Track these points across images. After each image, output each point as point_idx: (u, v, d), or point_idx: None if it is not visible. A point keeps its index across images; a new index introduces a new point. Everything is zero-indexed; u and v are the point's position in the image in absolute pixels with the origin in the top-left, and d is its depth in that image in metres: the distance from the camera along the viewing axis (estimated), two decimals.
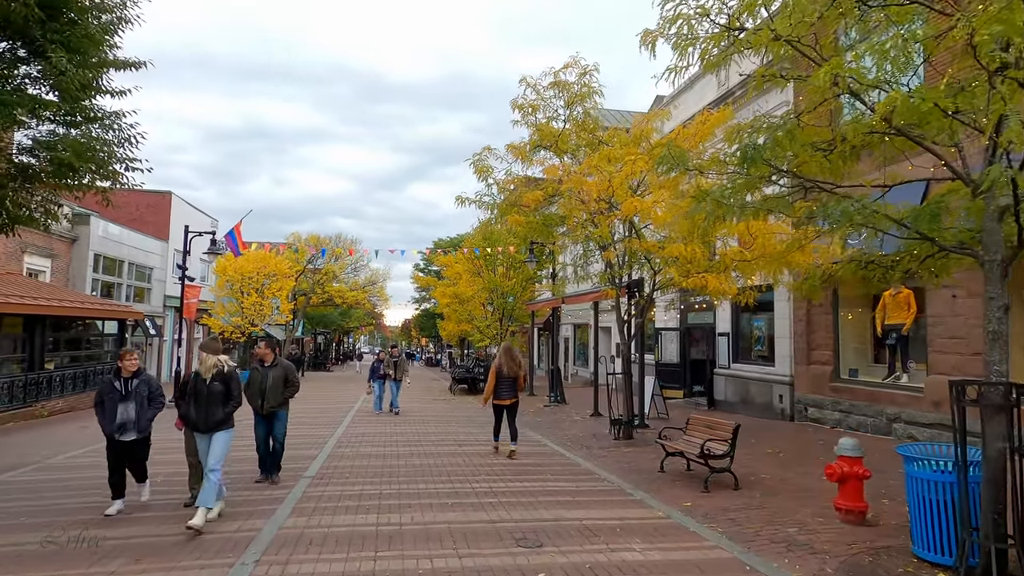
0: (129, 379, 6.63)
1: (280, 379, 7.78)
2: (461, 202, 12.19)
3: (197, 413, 6.25)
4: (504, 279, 24.81)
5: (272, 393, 7.72)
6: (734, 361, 15.83)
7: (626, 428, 11.49)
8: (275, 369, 7.81)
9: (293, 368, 8.04)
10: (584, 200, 9.41)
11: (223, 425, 6.29)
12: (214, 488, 6.02)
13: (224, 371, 6.36)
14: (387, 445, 10.87)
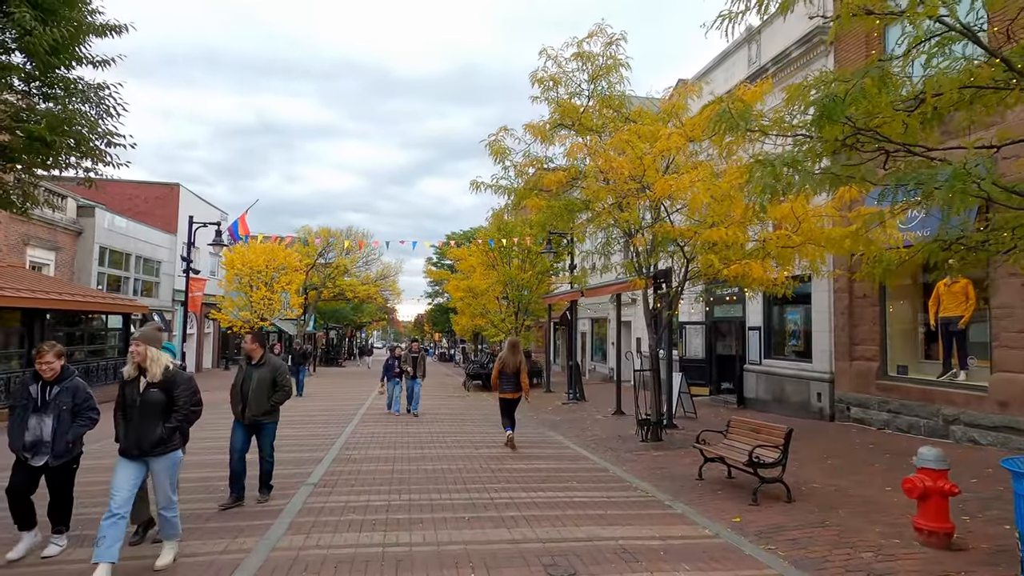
0: (49, 385, 5.09)
1: (266, 381, 6.50)
2: (476, 187, 11.37)
3: (127, 432, 4.72)
4: (519, 271, 23.98)
5: (256, 398, 6.46)
6: (766, 357, 14.91)
7: (655, 429, 10.65)
8: (261, 369, 6.55)
9: (283, 368, 6.73)
10: (611, 181, 8.54)
11: (163, 447, 4.72)
12: (175, 525, 4.87)
13: (168, 374, 4.83)
14: (398, 447, 10.12)
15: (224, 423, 11.06)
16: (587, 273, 11.89)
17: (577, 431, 12.22)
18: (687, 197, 8.04)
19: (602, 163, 8.11)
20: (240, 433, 6.62)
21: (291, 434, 11.49)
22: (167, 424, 4.77)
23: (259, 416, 6.52)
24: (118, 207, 27.39)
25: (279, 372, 6.62)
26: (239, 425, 6.64)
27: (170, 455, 4.83)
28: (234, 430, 6.69)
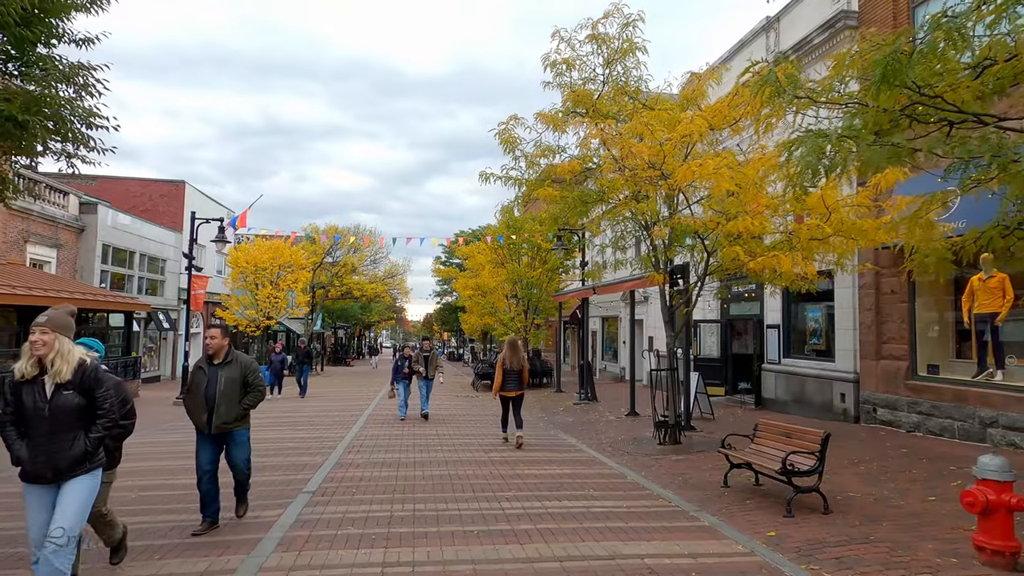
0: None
1: (236, 382, 5.50)
2: (485, 178, 10.88)
3: (34, 450, 3.56)
4: (528, 269, 23.47)
5: (224, 403, 5.44)
6: (786, 356, 14.33)
7: (673, 431, 10.12)
8: (228, 368, 5.49)
9: (254, 366, 5.75)
10: (629, 168, 8.01)
11: (81, 467, 3.62)
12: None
13: (85, 372, 3.67)
14: (403, 450, 9.64)
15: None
16: (600, 269, 11.35)
17: (591, 433, 11.71)
18: (709, 185, 7.50)
19: (619, 149, 7.59)
20: (207, 448, 5.59)
21: (292, 436, 11.05)
22: (91, 434, 3.65)
23: (230, 423, 5.55)
24: (123, 205, 27.12)
25: (250, 370, 5.65)
26: (204, 439, 5.58)
27: (91, 475, 3.68)
28: (199, 446, 5.61)
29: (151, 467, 8.47)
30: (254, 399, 5.69)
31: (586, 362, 18.48)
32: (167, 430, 12.25)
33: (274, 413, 14.93)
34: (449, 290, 54.67)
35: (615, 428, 12.40)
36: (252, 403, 5.68)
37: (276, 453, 9.40)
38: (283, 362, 18.48)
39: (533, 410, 16.06)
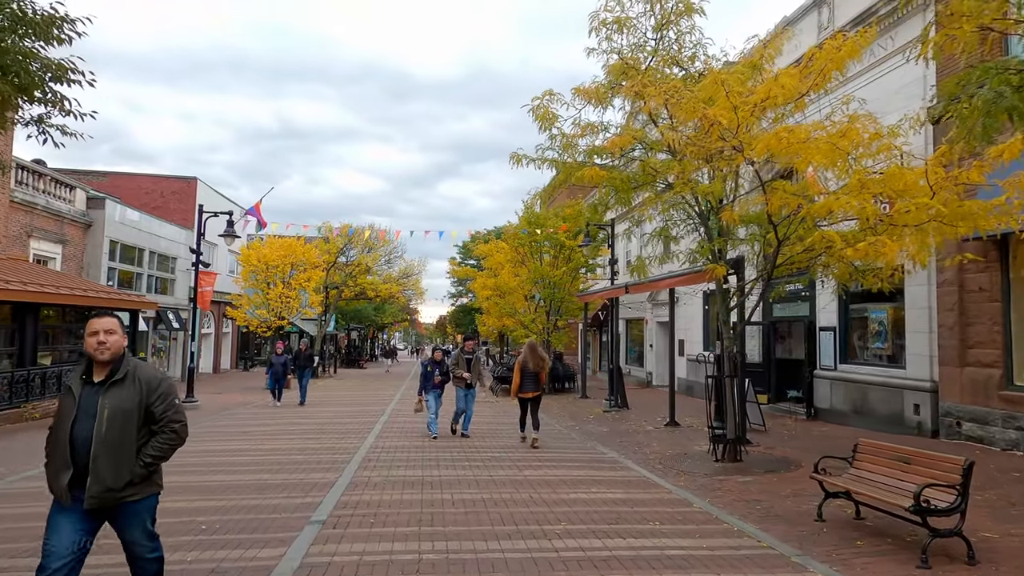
0: None
1: (130, 417, 3.28)
2: (517, 161, 9.70)
3: None
4: (551, 268, 22.25)
5: (106, 454, 3.20)
6: (842, 361, 13.00)
7: (732, 447, 8.87)
8: (117, 391, 3.29)
9: (165, 386, 3.45)
10: (695, 142, 6.79)
11: None
12: None
13: None
14: (426, 467, 8.48)
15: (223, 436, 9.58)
16: (644, 264, 10.12)
17: (632, 446, 10.48)
18: (790, 159, 6.27)
19: (685, 115, 6.39)
20: (67, 527, 3.20)
21: (300, 447, 9.93)
22: None
23: (118, 491, 3.23)
24: (133, 201, 26.32)
25: (158, 393, 3.35)
26: (64, 514, 3.22)
27: None
28: (53, 522, 3.24)
29: None
30: (165, 446, 3.35)
31: (616, 367, 17.23)
32: None
33: (280, 421, 13.86)
34: (464, 291, 53.61)
35: (658, 440, 11.16)
36: (160, 453, 3.35)
37: (281, 468, 8.27)
38: (285, 365, 16.80)
39: (562, 418, 14.86)
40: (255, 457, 9.14)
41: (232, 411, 15.61)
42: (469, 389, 11.13)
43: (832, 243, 6.33)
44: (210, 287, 18.91)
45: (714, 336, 20.05)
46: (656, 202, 8.92)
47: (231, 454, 9.45)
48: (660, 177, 8.38)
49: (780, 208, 7.24)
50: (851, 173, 6.51)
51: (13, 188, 17.62)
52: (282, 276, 25.82)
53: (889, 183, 6.69)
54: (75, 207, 20.96)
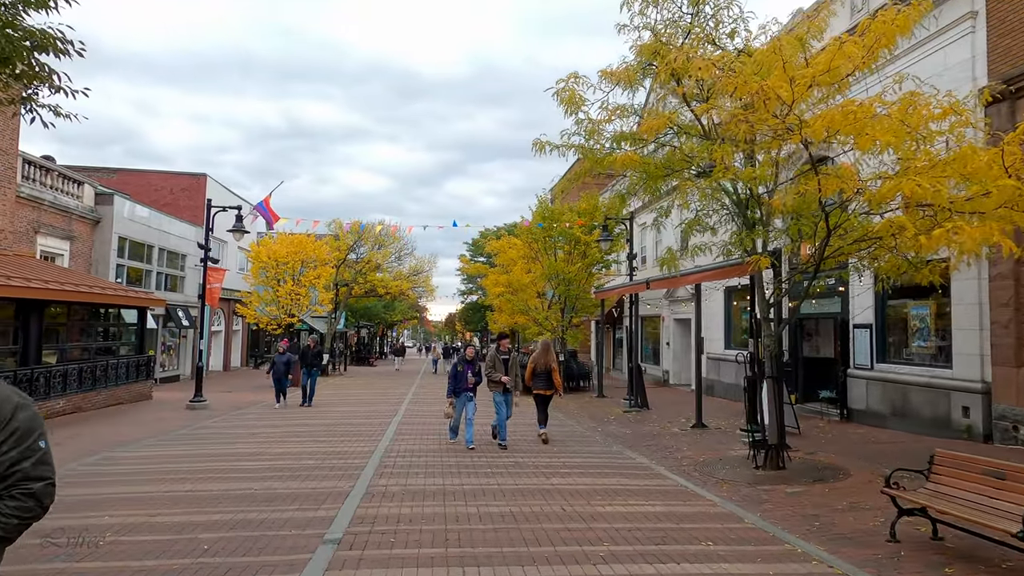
0: None
1: None
2: (540, 148, 9.10)
3: None
4: (566, 264, 21.63)
5: None
6: (880, 360, 12.32)
7: (775, 454, 8.25)
8: None
9: (27, 420, 2.06)
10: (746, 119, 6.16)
11: None
12: None
13: None
14: (446, 474, 7.92)
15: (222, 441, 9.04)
16: (675, 258, 9.49)
17: (662, 451, 9.88)
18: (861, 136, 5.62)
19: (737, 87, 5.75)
20: None
21: (311, 451, 9.41)
22: None
23: None
24: (143, 198, 25.97)
25: (12, 432, 2.02)
26: None
27: None
28: None
29: (137, 495, 6.85)
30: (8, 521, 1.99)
31: (636, 365, 16.61)
32: (171, 441, 10.71)
33: (290, 422, 13.35)
34: (474, 288, 53.10)
35: (687, 444, 10.55)
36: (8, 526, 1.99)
37: (291, 475, 7.74)
38: (288, 364, 15.61)
39: (581, 419, 14.27)
40: (263, 462, 8.62)
41: (242, 410, 15.14)
42: (507, 394, 9.96)
43: (902, 229, 5.69)
44: (219, 283, 18.46)
45: (737, 334, 19.45)
46: (691, 190, 8.28)
47: (238, 458, 8.94)
48: (696, 163, 7.76)
49: (835, 193, 6.61)
50: (918, 153, 5.87)
51: (20, 183, 17.22)
52: (292, 273, 25.38)
53: (958, 164, 6.05)
54: (83, 203, 20.57)
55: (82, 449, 9.73)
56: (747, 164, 8.06)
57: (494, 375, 9.91)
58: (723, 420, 13.63)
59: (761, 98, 5.62)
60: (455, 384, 9.92)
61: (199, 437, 11.01)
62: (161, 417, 14.14)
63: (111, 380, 16.05)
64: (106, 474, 7.91)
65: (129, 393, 16.88)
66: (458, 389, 9.88)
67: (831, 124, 5.49)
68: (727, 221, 9.34)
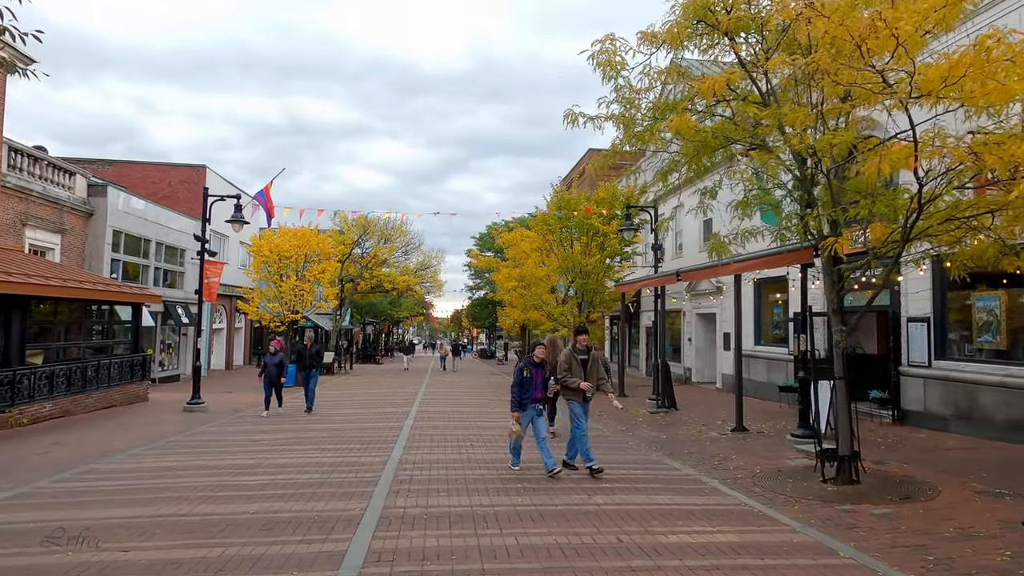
0: None
1: None
2: (572, 121, 8.04)
3: None
4: (583, 256, 20.56)
5: None
6: (939, 357, 11.23)
7: (848, 466, 7.19)
8: None
9: None
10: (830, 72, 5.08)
11: None
12: None
13: None
14: (472, 492, 6.89)
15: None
16: (723, 244, 8.40)
17: (708, 460, 8.82)
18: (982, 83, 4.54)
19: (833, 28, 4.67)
20: None
21: (316, 462, 8.38)
22: None
23: None
24: (141, 191, 25.00)
25: None
26: None
27: None
28: None
29: (113, 520, 5.83)
30: None
31: (663, 363, 15.54)
32: (161, 450, 9.71)
33: (293, 427, 12.36)
34: (482, 284, 52.07)
35: (734, 451, 9.49)
36: None
37: (293, 494, 6.71)
38: (280, 366, 13.66)
39: (607, 420, 13.23)
40: (262, 477, 7.61)
41: (242, 413, 14.15)
42: (586, 403, 7.91)
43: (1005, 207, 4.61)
44: (216, 278, 17.48)
45: (768, 330, 18.35)
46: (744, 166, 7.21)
47: (234, 472, 7.92)
48: (761, 132, 6.67)
49: (934, 161, 5.52)
50: None
51: (5, 172, 16.26)
52: (295, 268, 24.39)
53: None
54: (75, 194, 19.58)
55: (62, 460, 8.74)
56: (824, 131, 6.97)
57: (571, 380, 7.82)
58: (762, 422, 12.58)
59: (865, 37, 4.52)
60: (521, 393, 7.71)
61: (193, 445, 10.01)
62: (155, 421, 13.16)
63: (103, 381, 15.08)
64: (81, 492, 6.90)
65: (123, 395, 15.92)
66: (525, 400, 7.72)
67: (952, 71, 4.41)
68: (785, 199, 8.27)
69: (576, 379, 7.80)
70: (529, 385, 7.78)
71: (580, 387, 7.74)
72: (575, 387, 7.79)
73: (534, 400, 7.80)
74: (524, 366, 7.95)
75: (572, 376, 7.84)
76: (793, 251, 8.36)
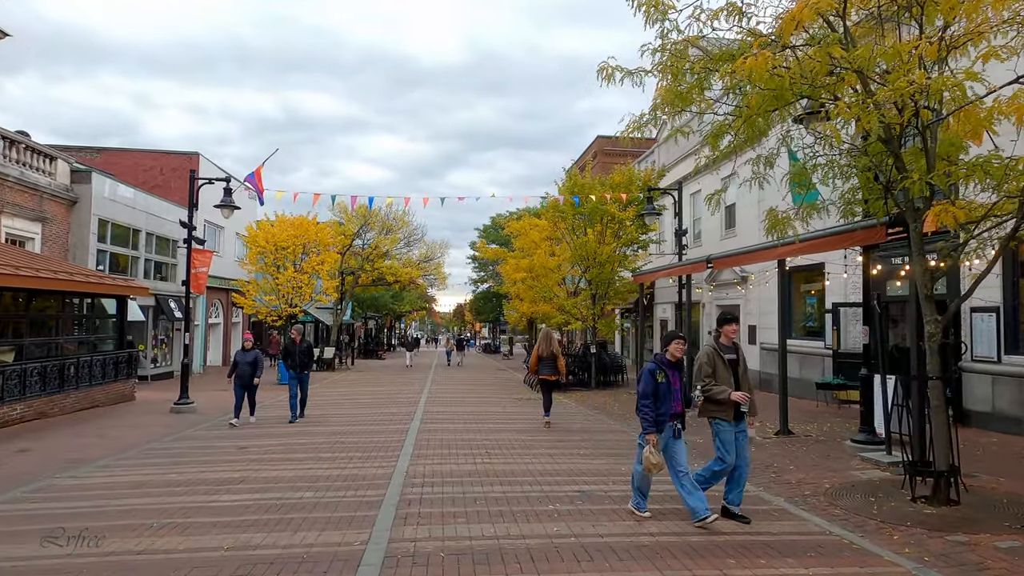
0: None
1: None
2: (607, 77, 6.80)
3: None
4: (598, 243, 19.31)
5: None
6: (1010, 351, 10.04)
7: (946, 483, 6.00)
8: None
9: None
10: None
11: None
12: None
13: None
14: (495, 517, 5.72)
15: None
16: (785, 221, 7.14)
17: (762, 471, 7.65)
18: None
19: None
20: None
21: (310, 475, 7.20)
22: None
23: None
24: (132, 179, 23.80)
25: None
26: None
27: None
28: None
29: (52, 563, 4.66)
30: None
31: (689, 359, 14.30)
32: (138, 459, 8.55)
33: (286, 431, 11.20)
34: (487, 276, 50.88)
35: (788, 460, 8.31)
36: None
37: (280, 521, 5.54)
38: (255, 365, 11.30)
39: (630, 421, 12.01)
40: (245, 496, 6.44)
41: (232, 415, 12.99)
42: (739, 422, 5.63)
43: None
44: (205, 268, 16.32)
45: (798, 322, 17.15)
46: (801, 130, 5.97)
47: (215, 489, 6.75)
48: (843, 81, 5.42)
49: None
50: None
51: None
52: (293, 259, 23.20)
53: None
54: (56, 180, 18.39)
55: (20, 473, 7.59)
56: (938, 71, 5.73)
57: (718, 390, 5.50)
58: (806, 424, 11.42)
59: None
60: (656, 408, 5.49)
61: (173, 454, 8.85)
62: (138, 424, 12.01)
63: (84, 380, 13.93)
64: (29, 518, 5.74)
65: (107, 394, 14.78)
66: (662, 416, 5.51)
67: None
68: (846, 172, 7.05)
69: (725, 388, 5.51)
70: (666, 395, 5.53)
71: (732, 399, 5.46)
72: (724, 399, 5.48)
73: (674, 412, 5.60)
74: (656, 368, 5.56)
75: (718, 383, 5.55)
76: (864, 229, 7.14)
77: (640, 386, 5.63)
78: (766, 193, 16.56)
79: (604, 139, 35.65)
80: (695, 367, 5.81)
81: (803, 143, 7.25)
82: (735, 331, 5.92)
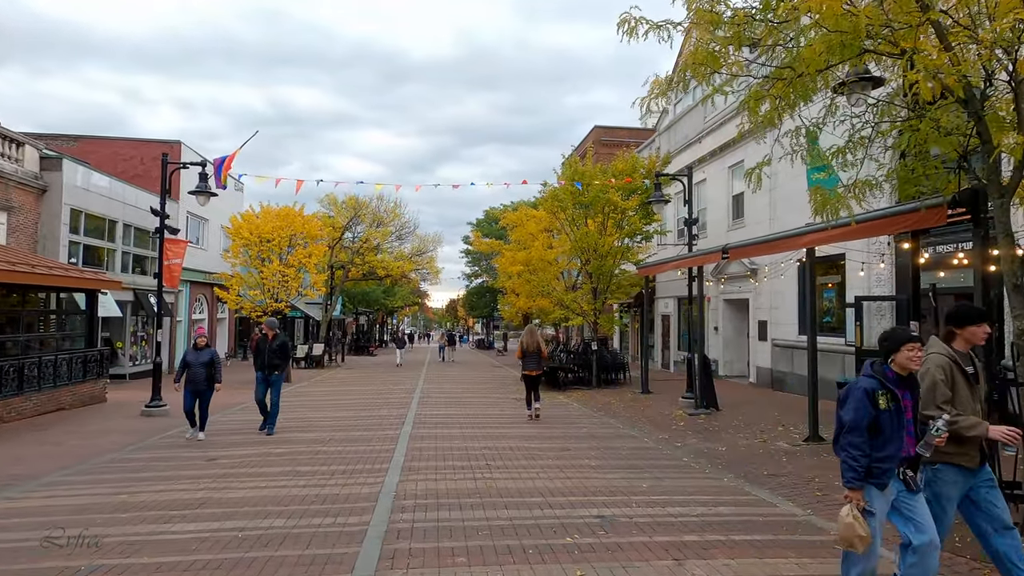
0: None
1: None
2: (630, 31, 5.78)
3: None
4: (599, 234, 18.33)
5: None
6: None
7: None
8: None
9: None
10: None
11: None
12: None
13: None
14: (502, 549, 4.72)
15: None
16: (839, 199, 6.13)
17: (803, 487, 6.68)
18: None
19: None
20: None
21: (286, 495, 6.14)
22: None
23: None
24: (110, 169, 22.59)
25: None
26: None
27: None
28: None
29: None
30: None
31: (702, 356, 13.41)
32: (88, 475, 7.49)
33: (262, 439, 10.16)
34: (480, 271, 49.88)
35: (828, 472, 7.34)
36: None
37: (237, 564, 4.51)
38: (211, 366, 9.44)
39: (640, 425, 11.11)
40: (202, 524, 5.41)
41: (210, 419, 11.92)
42: (982, 468, 3.73)
43: None
44: (179, 259, 15.18)
45: (820, 316, 16.25)
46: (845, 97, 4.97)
47: (166, 516, 5.71)
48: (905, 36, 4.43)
49: None
50: None
51: None
52: (278, 252, 22.08)
53: None
54: (23, 167, 17.21)
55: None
56: None
57: (965, 421, 3.56)
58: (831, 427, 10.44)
59: None
60: (872, 448, 3.35)
61: (131, 468, 7.80)
62: (102, 430, 10.94)
63: (47, 381, 12.83)
64: None
65: (74, 396, 13.68)
66: (884, 464, 3.40)
67: None
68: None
69: (978, 420, 3.61)
70: (890, 428, 3.38)
71: (990, 436, 3.59)
72: (976, 434, 3.58)
73: (902, 462, 3.48)
74: (878, 386, 3.39)
75: (960, 411, 3.62)
76: (928, 208, 6.15)
77: (846, 411, 3.41)
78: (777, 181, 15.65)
79: (602, 129, 34.67)
80: (925, 383, 3.63)
81: (851, 112, 6.25)
82: (986, 334, 3.85)
